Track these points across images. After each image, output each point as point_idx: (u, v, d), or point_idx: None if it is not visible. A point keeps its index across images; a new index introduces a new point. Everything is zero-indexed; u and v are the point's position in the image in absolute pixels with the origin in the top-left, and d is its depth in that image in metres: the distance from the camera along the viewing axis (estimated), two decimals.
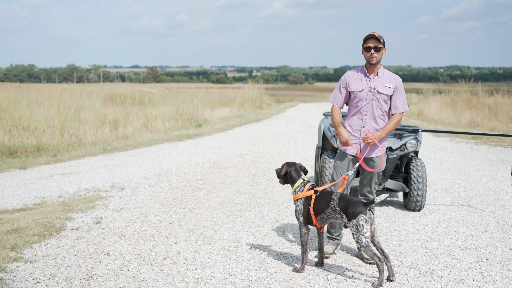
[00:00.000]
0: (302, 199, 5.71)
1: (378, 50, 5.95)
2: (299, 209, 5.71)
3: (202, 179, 10.39)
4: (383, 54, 6.01)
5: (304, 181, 5.83)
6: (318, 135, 9.62)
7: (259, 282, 5.42)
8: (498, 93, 25.40)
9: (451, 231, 7.21)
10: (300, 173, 5.90)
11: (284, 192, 9.44)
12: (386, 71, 6.09)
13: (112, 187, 9.52)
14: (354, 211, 5.31)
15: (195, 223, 7.42)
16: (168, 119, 20.45)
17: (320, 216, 5.58)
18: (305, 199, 5.69)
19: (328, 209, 5.50)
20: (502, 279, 5.56)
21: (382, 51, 5.98)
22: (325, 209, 5.52)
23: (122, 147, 14.62)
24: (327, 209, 5.51)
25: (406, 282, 5.46)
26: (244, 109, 29.60)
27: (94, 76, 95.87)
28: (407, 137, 8.19)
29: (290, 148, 14.87)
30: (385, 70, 6.10)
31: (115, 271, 5.61)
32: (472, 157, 13.51)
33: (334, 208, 5.47)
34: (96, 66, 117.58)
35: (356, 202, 5.35)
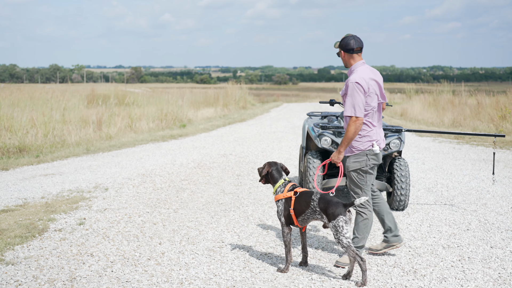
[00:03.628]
0: (283, 200, 5.72)
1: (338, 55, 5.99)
2: (280, 210, 5.72)
3: (186, 179, 10.38)
4: (343, 56, 5.92)
5: (285, 181, 5.84)
6: (302, 135, 9.64)
7: (244, 282, 5.43)
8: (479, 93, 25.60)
9: (434, 230, 7.26)
10: (281, 173, 5.91)
11: (268, 192, 9.45)
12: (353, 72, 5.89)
13: (95, 187, 9.47)
14: (333, 212, 5.33)
15: (179, 224, 7.41)
16: (152, 119, 20.40)
17: (301, 217, 5.59)
18: (286, 200, 5.70)
19: (308, 209, 5.52)
20: (483, 277, 5.61)
21: (341, 54, 5.94)
22: (305, 210, 5.53)
23: (106, 147, 14.56)
24: (307, 209, 5.52)
25: (389, 281, 5.50)
26: (228, 109, 29.58)
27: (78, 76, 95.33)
28: (391, 137, 8.24)
29: (275, 148, 14.89)
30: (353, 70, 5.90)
31: (98, 272, 5.59)
32: (455, 156, 13.61)
33: (314, 209, 5.48)
34: (80, 66, 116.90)
35: (336, 203, 5.36)
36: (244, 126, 21.79)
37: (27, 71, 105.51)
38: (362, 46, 5.92)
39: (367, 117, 5.84)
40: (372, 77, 5.84)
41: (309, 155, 8.41)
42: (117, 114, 19.61)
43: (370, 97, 5.79)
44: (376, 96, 5.88)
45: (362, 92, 5.70)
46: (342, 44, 5.89)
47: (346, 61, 5.94)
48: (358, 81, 5.70)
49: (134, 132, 18.20)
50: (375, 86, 5.86)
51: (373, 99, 5.83)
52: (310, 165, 8.23)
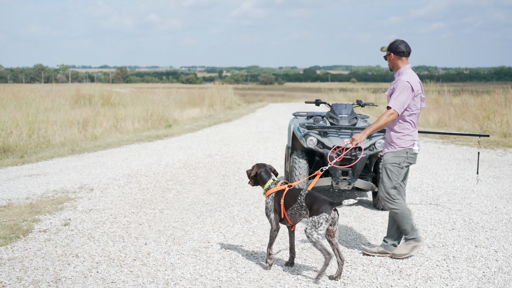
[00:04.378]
0: (273, 195, 5.75)
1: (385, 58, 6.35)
2: (270, 206, 5.74)
3: (172, 179, 10.35)
4: (392, 58, 6.23)
5: (274, 180, 5.87)
6: (288, 135, 9.65)
7: (229, 282, 5.42)
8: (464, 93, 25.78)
9: (419, 230, 7.29)
10: (270, 174, 5.94)
11: (254, 192, 9.45)
12: (401, 74, 6.17)
13: (81, 188, 9.42)
14: (318, 208, 5.37)
15: (165, 224, 7.39)
16: (137, 119, 20.32)
17: (289, 211, 5.62)
18: (276, 193, 5.74)
19: (295, 204, 5.55)
20: (468, 276, 5.65)
21: (389, 57, 6.27)
22: (293, 204, 5.57)
23: (91, 147, 14.48)
24: (294, 204, 5.56)
25: (375, 280, 5.52)
26: (214, 109, 29.55)
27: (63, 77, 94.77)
28: (376, 137, 8.27)
29: (260, 148, 14.89)
30: (402, 72, 6.18)
31: (84, 273, 5.56)
32: (440, 156, 13.69)
33: (300, 204, 5.52)
34: (65, 66, 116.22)
35: (323, 201, 5.40)
36: (230, 126, 21.78)
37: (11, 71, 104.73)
38: (411, 51, 6.22)
39: (412, 117, 6.11)
40: (418, 80, 6.14)
41: (294, 155, 8.42)
42: (103, 114, 19.52)
43: (417, 98, 6.10)
44: (421, 99, 6.17)
45: (410, 92, 6.00)
46: (392, 47, 6.20)
47: (394, 63, 6.24)
48: (409, 80, 6.02)
49: (120, 132, 18.12)
50: (421, 90, 6.16)
51: (418, 101, 6.13)
52: (296, 165, 8.24)
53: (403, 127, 6.10)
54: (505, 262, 6.07)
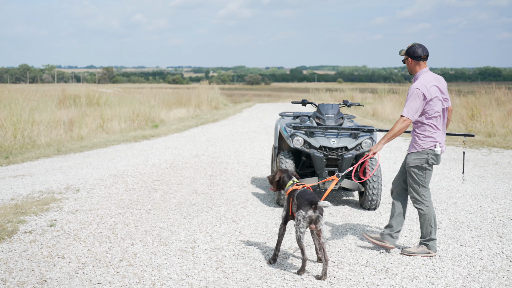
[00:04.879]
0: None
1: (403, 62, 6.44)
2: (285, 205, 5.93)
3: (159, 180, 10.33)
4: (410, 63, 6.32)
5: (294, 182, 6.10)
6: (274, 135, 9.66)
7: (216, 282, 5.42)
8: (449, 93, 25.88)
9: (405, 229, 7.33)
10: (291, 177, 6.18)
11: (241, 192, 9.45)
12: (418, 78, 6.26)
13: (67, 189, 9.38)
14: (299, 205, 5.58)
15: (151, 224, 7.37)
16: (124, 119, 20.25)
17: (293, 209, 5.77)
18: (290, 192, 5.92)
19: (293, 202, 5.73)
20: (453, 275, 5.69)
21: (406, 61, 6.36)
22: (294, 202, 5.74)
23: (77, 148, 14.41)
24: (294, 202, 5.73)
25: (361, 280, 5.54)
26: (200, 109, 29.51)
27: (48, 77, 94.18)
28: (362, 137, 8.29)
29: (247, 149, 14.90)
30: (418, 76, 6.27)
31: (69, 274, 5.54)
32: None
33: (294, 201, 5.70)
34: (50, 66, 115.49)
35: (305, 199, 5.59)
36: (217, 127, 21.77)
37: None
38: (428, 55, 6.29)
39: (432, 120, 6.17)
40: (434, 83, 6.17)
41: (281, 155, 8.43)
42: (89, 114, 19.42)
43: (433, 102, 6.14)
44: (440, 101, 6.20)
45: (422, 98, 6.08)
46: (409, 52, 6.28)
47: (412, 67, 6.34)
48: (419, 87, 6.09)
49: (106, 132, 18.05)
50: (437, 92, 6.18)
51: (436, 104, 6.16)
52: (283, 165, 8.25)
53: (423, 129, 6.22)
54: (490, 261, 6.12)
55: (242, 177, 10.78)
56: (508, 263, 6.07)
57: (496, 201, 8.88)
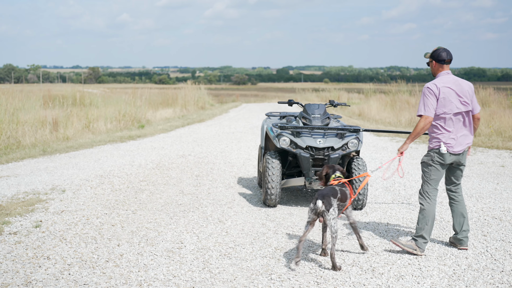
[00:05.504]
0: None
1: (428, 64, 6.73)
2: None
3: (145, 180, 10.30)
4: (434, 66, 6.58)
5: (336, 176, 6.42)
6: (261, 136, 9.66)
7: (203, 283, 5.42)
8: None
9: (391, 229, 7.37)
10: (335, 172, 6.49)
11: (228, 192, 9.45)
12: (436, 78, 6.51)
13: (52, 189, 9.32)
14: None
15: (138, 225, 7.35)
16: (110, 120, 20.16)
17: None
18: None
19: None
20: (439, 274, 5.72)
21: (430, 64, 6.62)
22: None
23: (63, 148, 14.34)
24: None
25: (348, 279, 5.55)
26: (187, 109, 29.46)
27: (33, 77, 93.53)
28: (349, 137, 8.32)
29: (233, 149, 14.89)
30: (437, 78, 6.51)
31: (55, 276, 5.51)
32: (412, 156, 13.83)
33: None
34: (35, 66, 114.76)
35: (318, 193, 5.90)
36: (203, 127, 21.74)
37: None
38: (452, 59, 6.53)
39: (440, 121, 6.38)
40: (448, 85, 6.37)
41: (268, 155, 8.43)
42: (74, 115, 19.32)
43: (441, 102, 6.33)
44: (452, 103, 6.35)
45: (432, 95, 6.32)
46: (434, 55, 6.53)
47: (435, 70, 6.59)
48: (429, 86, 6.39)
49: (92, 133, 17.98)
50: (450, 93, 6.35)
51: (446, 105, 6.33)
52: (269, 165, 8.26)
53: (431, 130, 6.48)
54: (475, 260, 6.17)
55: (228, 177, 10.77)
56: (492, 261, 6.12)
57: (481, 200, 8.94)
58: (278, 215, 8.04)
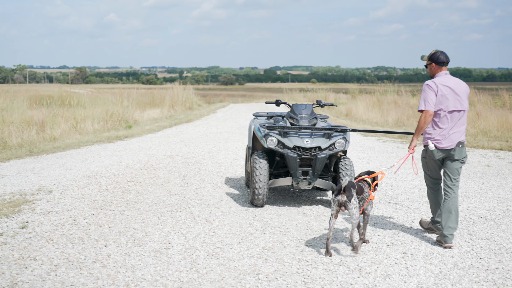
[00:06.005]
0: None
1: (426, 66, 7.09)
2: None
3: (132, 180, 10.28)
4: (432, 67, 6.94)
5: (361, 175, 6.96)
6: (248, 136, 9.67)
7: (190, 283, 5.42)
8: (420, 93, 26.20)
9: (378, 228, 7.40)
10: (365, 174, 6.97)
11: (215, 192, 9.45)
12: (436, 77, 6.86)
13: (39, 190, 9.28)
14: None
15: (125, 225, 7.34)
16: (97, 120, 20.09)
17: None
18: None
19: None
20: (425, 273, 5.76)
21: (429, 66, 6.99)
22: None
23: (50, 149, 14.27)
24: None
25: (335, 279, 5.58)
26: (174, 110, 29.41)
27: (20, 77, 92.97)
28: (336, 137, 8.35)
29: (221, 149, 14.89)
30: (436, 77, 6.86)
31: (42, 277, 5.49)
32: (399, 155, 13.89)
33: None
34: (22, 66, 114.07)
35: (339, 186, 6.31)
36: (191, 127, 21.72)
37: None
38: (449, 61, 6.92)
39: (434, 117, 6.77)
40: (447, 84, 6.73)
41: (255, 155, 8.45)
42: (61, 115, 19.24)
43: (439, 99, 6.70)
44: (449, 101, 6.69)
45: (432, 91, 6.71)
46: (434, 58, 6.89)
47: (433, 71, 6.95)
48: (428, 83, 6.78)
49: (79, 133, 17.90)
50: (447, 91, 6.70)
51: (443, 102, 6.69)
52: (257, 165, 8.27)
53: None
54: (460, 258, 6.21)
55: (216, 178, 10.77)
56: (478, 260, 6.17)
57: (466, 200, 9.00)
58: (266, 215, 8.06)
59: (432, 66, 6.94)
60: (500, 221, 7.79)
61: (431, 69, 6.96)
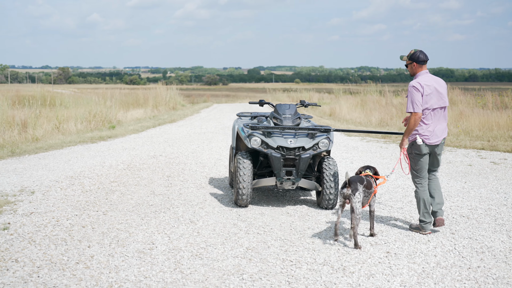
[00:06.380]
0: None
1: (406, 66, 7.36)
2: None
3: (116, 181, 10.23)
4: (413, 66, 7.24)
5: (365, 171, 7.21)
6: (232, 136, 9.67)
7: (174, 283, 5.41)
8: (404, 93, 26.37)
9: (362, 228, 7.43)
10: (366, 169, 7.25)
11: (199, 193, 9.44)
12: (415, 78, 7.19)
13: (21, 191, 9.21)
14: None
15: (108, 226, 7.30)
16: (80, 120, 19.97)
17: None
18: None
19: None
20: (409, 272, 5.80)
21: (410, 65, 7.27)
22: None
23: (32, 149, 14.16)
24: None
25: (319, 278, 5.59)
26: (158, 110, 29.32)
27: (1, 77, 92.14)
28: (319, 137, 8.37)
29: (205, 149, 14.87)
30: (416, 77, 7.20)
31: (23, 278, 5.45)
32: (382, 155, 13.96)
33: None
34: (3, 66, 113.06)
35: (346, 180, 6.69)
36: (174, 127, 21.67)
37: None
38: (428, 59, 7.23)
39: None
40: (428, 83, 7.06)
41: (239, 156, 8.44)
42: (44, 115, 19.10)
43: (425, 99, 7.02)
44: (433, 99, 7.06)
45: (418, 92, 6.99)
46: (414, 58, 7.19)
47: (414, 70, 7.25)
48: (414, 84, 7.05)
49: (62, 133, 17.79)
50: (431, 90, 7.06)
51: (428, 101, 7.03)
52: (240, 165, 8.26)
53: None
54: (443, 257, 6.26)
55: (200, 178, 10.76)
56: (460, 259, 6.22)
57: (449, 199, 9.07)
58: (250, 215, 8.06)
59: (413, 65, 7.22)
60: (482, 220, 7.86)
61: (412, 68, 7.25)
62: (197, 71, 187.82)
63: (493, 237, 7.05)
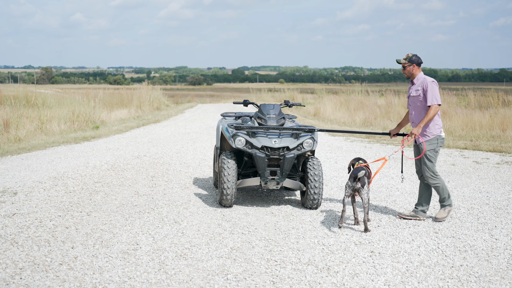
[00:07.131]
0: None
1: (404, 68, 7.97)
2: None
3: (100, 181, 10.18)
4: (413, 68, 7.88)
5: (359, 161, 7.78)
6: (216, 136, 9.66)
7: (159, 284, 5.39)
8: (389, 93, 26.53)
9: (346, 228, 7.45)
10: (358, 160, 7.83)
11: (183, 193, 9.42)
12: (421, 78, 7.85)
13: (3, 192, 9.14)
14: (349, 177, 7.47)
15: (92, 227, 7.26)
16: (64, 121, 19.84)
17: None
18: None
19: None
20: (393, 271, 5.82)
21: (410, 67, 7.88)
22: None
23: (15, 150, 14.05)
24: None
25: (304, 278, 5.60)
26: (142, 110, 29.23)
27: None
28: (304, 137, 8.38)
29: (189, 149, 14.84)
30: (421, 77, 7.86)
31: (5, 280, 5.40)
32: (366, 155, 14.01)
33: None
34: None
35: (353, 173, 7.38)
36: (158, 127, 21.61)
37: None
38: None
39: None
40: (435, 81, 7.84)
41: (223, 156, 8.44)
42: (27, 115, 18.96)
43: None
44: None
45: (437, 86, 7.73)
46: (414, 60, 7.85)
47: (413, 72, 7.91)
48: (433, 80, 7.79)
49: (45, 134, 17.66)
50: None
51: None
52: (225, 165, 8.26)
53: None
54: (427, 256, 6.30)
55: (184, 178, 10.74)
56: (443, 258, 6.26)
57: (433, 199, 9.11)
58: (234, 215, 8.06)
59: (413, 67, 7.87)
60: (465, 219, 7.92)
61: (412, 70, 7.89)
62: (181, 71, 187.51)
63: (475, 236, 7.11)
